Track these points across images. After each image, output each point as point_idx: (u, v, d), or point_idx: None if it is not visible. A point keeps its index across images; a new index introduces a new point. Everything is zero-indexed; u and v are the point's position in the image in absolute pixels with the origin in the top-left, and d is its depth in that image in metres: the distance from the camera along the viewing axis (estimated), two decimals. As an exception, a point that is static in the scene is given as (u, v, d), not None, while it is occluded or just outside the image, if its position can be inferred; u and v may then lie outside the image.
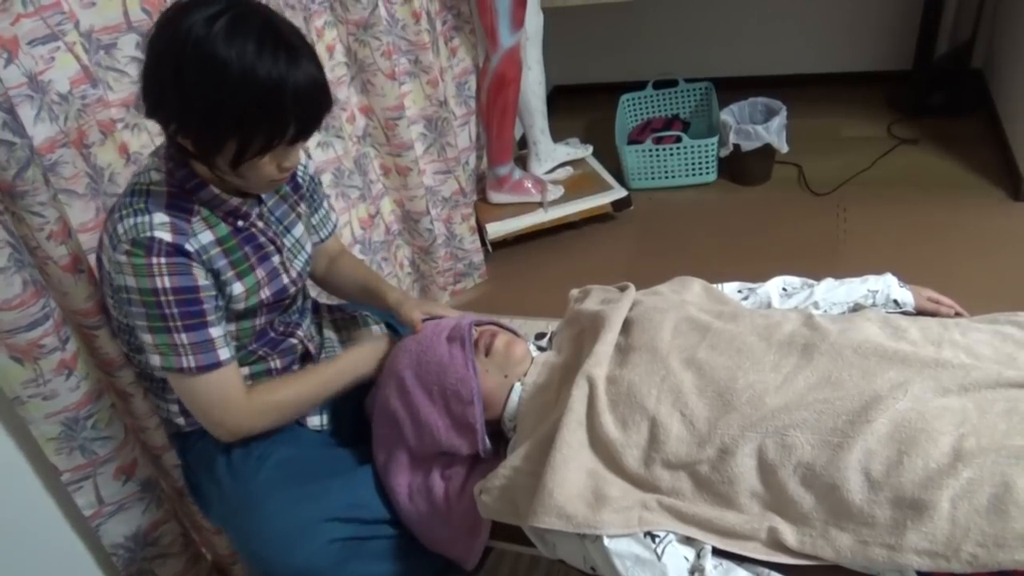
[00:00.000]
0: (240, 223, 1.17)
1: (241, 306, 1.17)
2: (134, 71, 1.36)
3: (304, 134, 1.05)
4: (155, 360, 1.10)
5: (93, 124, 1.26)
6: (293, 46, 0.99)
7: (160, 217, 1.06)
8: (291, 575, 1.15)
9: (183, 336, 1.08)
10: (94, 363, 1.30)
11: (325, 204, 1.40)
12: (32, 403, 1.19)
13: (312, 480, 1.22)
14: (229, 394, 1.15)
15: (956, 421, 0.96)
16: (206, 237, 1.11)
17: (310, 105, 1.02)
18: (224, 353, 1.12)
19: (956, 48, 2.95)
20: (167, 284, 1.05)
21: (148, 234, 1.04)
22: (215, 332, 1.11)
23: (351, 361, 1.31)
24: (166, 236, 1.05)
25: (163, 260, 1.04)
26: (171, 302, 1.06)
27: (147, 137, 1.42)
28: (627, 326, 1.23)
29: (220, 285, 1.13)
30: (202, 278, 1.08)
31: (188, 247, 1.07)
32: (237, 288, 1.16)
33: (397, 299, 1.35)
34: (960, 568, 0.87)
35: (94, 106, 1.27)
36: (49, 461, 1.25)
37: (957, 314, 1.28)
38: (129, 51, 1.35)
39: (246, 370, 1.26)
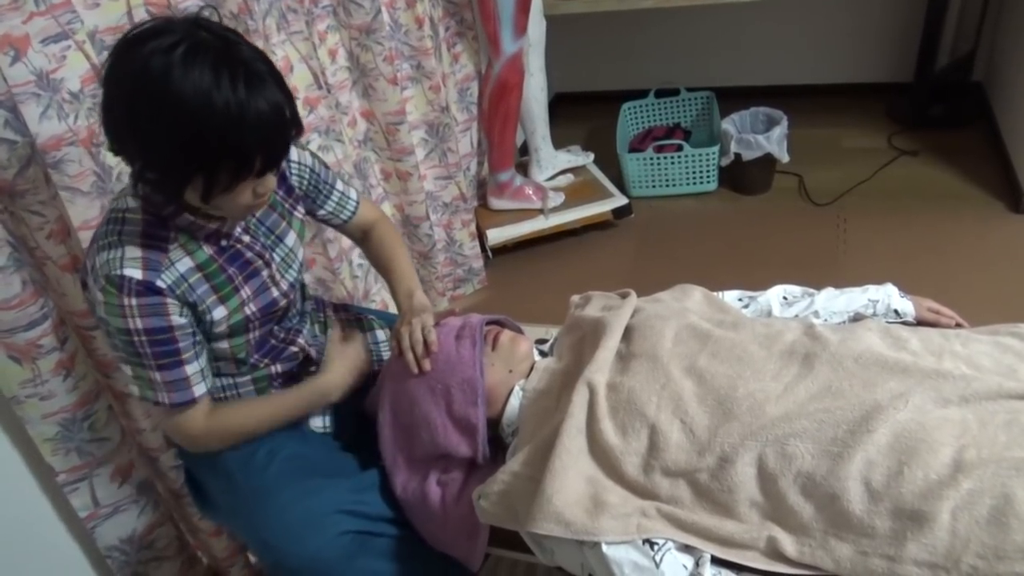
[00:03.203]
0: (224, 242, 1.14)
1: (224, 327, 1.15)
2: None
3: (272, 164, 1.00)
4: (133, 389, 1.10)
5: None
6: (254, 71, 0.93)
7: (132, 251, 1.03)
8: (302, 565, 1.14)
9: (157, 375, 1.08)
10: (91, 364, 1.30)
11: (338, 187, 1.34)
12: (29, 403, 1.19)
13: (320, 476, 1.23)
14: (189, 428, 1.15)
15: (956, 432, 0.96)
16: (184, 265, 1.08)
17: (273, 134, 0.96)
18: (199, 390, 1.12)
19: (957, 60, 2.96)
20: (139, 326, 1.03)
21: (118, 272, 1.01)
22: (191, 369, 1.10)
23: (315, 390, 1.27)
24: (136, 274, 1.02)
25: (134, 301, 1.01)
26: (144, 343, 1.04)
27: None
28: (628, 333, 1.23)
29: (199, 315, 1.11)
30: (176, 316, 1.06)
31: (160, 283, 1.03)
32: (219, 312, 1.13)
33: (401, 308, 1.33)
34: (960, 580, 0.87)
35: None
36: (45, 461, 1.25)
37: (957, 325, 1.28)
38: (132, 52, 1.34)
39: (248, 378, 1.25)
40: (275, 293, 1.22)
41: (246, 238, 1.17)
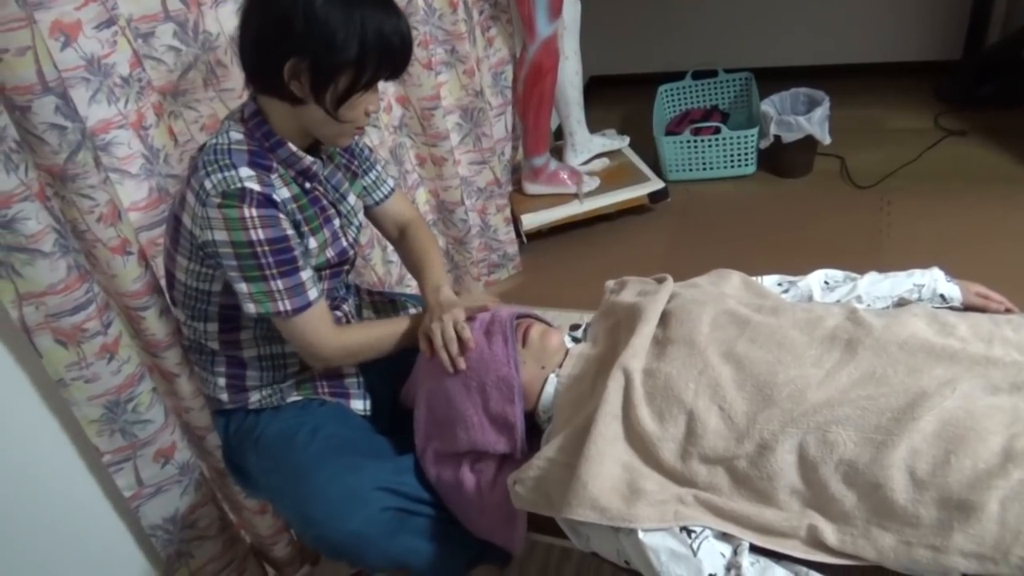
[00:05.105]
0: (308, 184, 1.23)
1: (313, 262, 1.22)
2: (171, 60, 1.37)
3: (399, 73, 1.17)
4: (250, 308, 1.16)
5: (149, 107, 1.29)
6: (395, 5, 1.13)
7: (246, 171, 1.12)
8: (344, 539, 1.15)
9: (279, 282, 1.14)
10: (138, 346, 1.32)
11: (377, 167, 1.43)
12: (75, 385, 1.22)
13: (360, 456, 1.25)
14: (320, 330, 1.22)
15: (1007, 421, 0.93)
16: (284, 193, 1.18)
17: (408, 50, 1.15)
18: (313, 293, 1.19)
19: (1008, 37, 2.86)
20: (261, 236, 1.11)
21: (239, 185, 1.09)
22: (305, 275, 1.17)
23: (416, 322, 1.33)
24: (255, 186, 1.11)
25: (255, 212, 1.09)
26: (267, 252, 1.12)
27: (183, 125, 1.44)
28: (665, 318, 1.21)
29: (300, 236, 1.19)
30: (289, 228, 1.15)
31: (276, 197, 1.13)
32: (312, 243, 1.22)
33: (428, 303, 1.34)
34: (1009, 572, 0.84)
35: (147, 90, 1.30)
36: (91, 442, 1.28)
37: (1007, 310, 1.24)
38: (167, 40, 1.36)
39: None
40: (344, 243, 1.30)
41: (320, 188, 1.27)
